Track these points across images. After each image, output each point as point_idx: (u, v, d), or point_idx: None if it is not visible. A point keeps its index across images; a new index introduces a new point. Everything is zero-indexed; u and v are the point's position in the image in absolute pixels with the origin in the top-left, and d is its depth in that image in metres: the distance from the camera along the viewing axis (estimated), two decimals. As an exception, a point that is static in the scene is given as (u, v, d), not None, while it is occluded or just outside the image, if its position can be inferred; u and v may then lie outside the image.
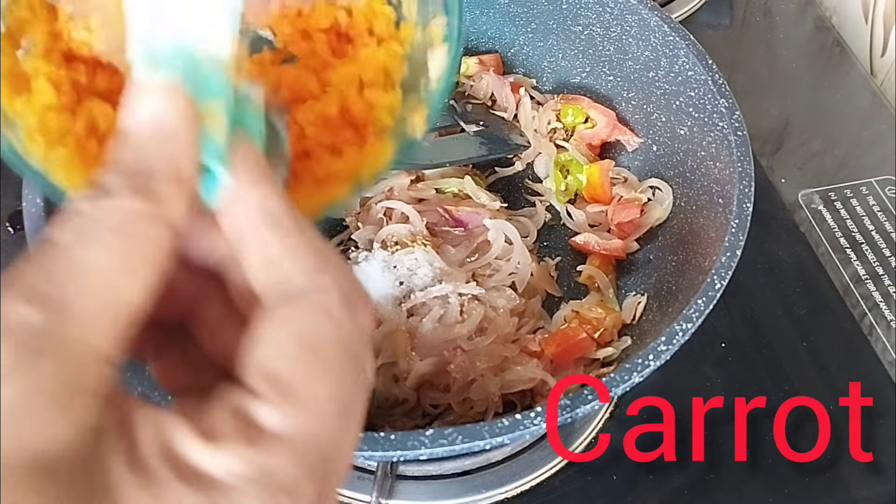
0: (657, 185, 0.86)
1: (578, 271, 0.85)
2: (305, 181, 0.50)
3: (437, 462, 0.76)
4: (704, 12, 1.20)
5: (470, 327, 0.75)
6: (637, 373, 0.59)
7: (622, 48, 0.88)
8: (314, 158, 0.52)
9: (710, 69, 0.78)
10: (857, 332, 0.87)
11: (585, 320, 0.77)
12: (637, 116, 0.90)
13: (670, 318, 0.65)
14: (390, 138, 0.54)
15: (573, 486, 0.77)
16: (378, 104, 0.53)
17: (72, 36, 0.50)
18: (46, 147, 0.46)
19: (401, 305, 0.77)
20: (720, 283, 0.64)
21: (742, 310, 0.88)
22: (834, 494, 0.76)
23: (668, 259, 0.81)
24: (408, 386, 0.72)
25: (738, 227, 0.67)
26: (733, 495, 0.76)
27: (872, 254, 0.93)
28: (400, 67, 0.54)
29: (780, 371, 0.84)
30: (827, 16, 1.22)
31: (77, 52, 0.50)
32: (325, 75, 0.54)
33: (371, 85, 0.54)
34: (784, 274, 0.92)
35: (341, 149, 0.52)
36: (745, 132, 0.74)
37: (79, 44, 0.50)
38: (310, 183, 0.50)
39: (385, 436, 0.55)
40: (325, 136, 0.53)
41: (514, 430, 0.56)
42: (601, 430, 0.80)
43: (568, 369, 0.74)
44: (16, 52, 0.48)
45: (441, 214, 0.85)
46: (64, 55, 0.50)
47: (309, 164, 0.52)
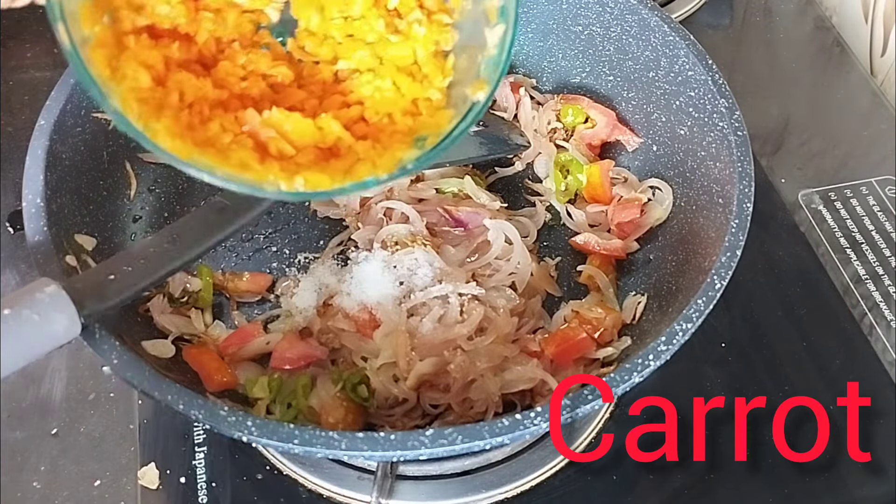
0: (657, 185, 0.86)
1: (578, 271, 0.85)
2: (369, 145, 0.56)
3: (437, 462, 0.77)
4: (704, 12, 1.20)
5: (470, 327, 0.75)
6: (637, 373, 0.59)
7: (622, 48, 0.88)
8: (377, 127, 0.58)
9: (710, 69, 0.78)
10: (857, 332, 0.87)
11: (585, 320, 0.77)
12: (637, 116, 0.90)
13: (670, 318, 0.65)
14: (447, 107, 0.58)
15: (573, 486, 0.77)
16: (431, 75, 0.58)
17: (155, 10, 0.54)
18: (146, 120, 0.51)
19: (401, 305, 0.77)
20: (720, 283, 0.64)
21: (742, 310, 0.88)
22: (833, 494, 0.76)
23: (668, 259, 0.81)
24: (408, 386, 0.73)
25: (738, 227, 0.67)
26: (733, 495, 0.76)
27: (872, 254, 0.94)
28: (448, 37, 0.59)
29: (780, 371, 0.84)
30: (827, 16, 1.22)
31: (159, 26, 0.54)
32: (381, 50, 0.59)
33: (423, 62, 0.59)
34: (784, 274, 0.92)
35: (394, 118, 0.58)
36: (745, 132, 0.74)
37: (161, 17, 0.55)
38: (375, 146, 0.56)
39: (385, 436, 0.55)
40: (384, 105, 0.58)
41: (514, 430, 0.56)
42: (602, 430, 0.80)
43: (568, 369, 0.74)
44: (101, 19, 0.52)
45: (441, 214, 0.85)
46: (148, 31, 0.54)
47: (371, 129, 0.57)
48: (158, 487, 0.75)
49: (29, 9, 0.62)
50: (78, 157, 0.76)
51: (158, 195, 0.87)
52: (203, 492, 0.75)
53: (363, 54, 0.59)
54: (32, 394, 0.81)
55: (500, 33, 0.56)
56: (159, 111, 0.51)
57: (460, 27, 0.60)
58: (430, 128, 0.58)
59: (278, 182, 0.52)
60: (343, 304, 0.79)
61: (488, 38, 0.57)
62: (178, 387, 0.58)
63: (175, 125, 0.51)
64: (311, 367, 0.76)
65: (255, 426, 0.56)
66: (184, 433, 0.78)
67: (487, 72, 0.57)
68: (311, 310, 0.80)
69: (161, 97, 0.52)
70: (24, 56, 1.11)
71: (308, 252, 0.87)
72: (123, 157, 0.83)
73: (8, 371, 0.52)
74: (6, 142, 1.01)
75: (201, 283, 0.81)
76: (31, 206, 0.68)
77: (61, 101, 0.75)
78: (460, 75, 0.59)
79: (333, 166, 0.55)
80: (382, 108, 0.58)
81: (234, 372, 0.75)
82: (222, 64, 0.57)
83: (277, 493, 0.75)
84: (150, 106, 0.51)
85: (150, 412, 0.79)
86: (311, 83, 0.60)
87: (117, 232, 0.81)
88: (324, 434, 0.55)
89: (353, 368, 0.75)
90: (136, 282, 0.60)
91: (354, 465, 0.77)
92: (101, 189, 0.80)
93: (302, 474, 0.76)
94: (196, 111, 0.53)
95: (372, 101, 0.59)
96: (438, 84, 0.59)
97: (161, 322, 0.77)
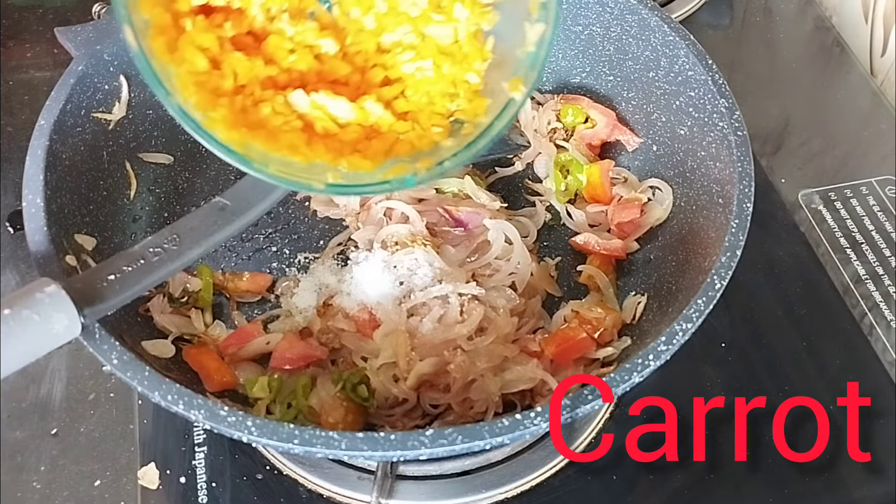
0: (657, 185, 0.86)
1: (578, 271, 0.85)
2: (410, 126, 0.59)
3: (438, 462, 0.77)
4: (704, 12, 1.20)
5: (470, 327, 0.75)
6: (637, 373, 0.59)
7: (622, 48, 0.88)
8: (417, 107, 0.60)
9: (710, 69, 0.78)
10: (857, 332, 0.87)
11: (585, 320, 0.77)
12: (637, 116, 0.90)
13: (670, 318, 0.65)
14: (484, 94, 0.60)
15: (573, 486, 0.77)
16: (470, 57, 0.60)
17: None
18: (204, 109, 0.53)
19: (401, 305, 0.77)
20: (720, 283, 0.64)
21: (742, 310, 0.88)
22: (833, 494, 0.76)
23: (668, 259, 0.81)
24: (408, 386, 0.72)
25: (737, 227, 0.67)
26: (733, 495, 0.76)
27: (872, 254, 0.94)
28: (490, 17, 0.61)
29: (780, 371, 0.84)
30: (827, 16, 1.22)
31: (213, 2, 0.56)
32: (423, 25, 0.61)
33: (464, 42, 0.61)
34: (784, 274, 0.92)
35: (433, 99, 0.60)
36: (745, 132, 0.74)
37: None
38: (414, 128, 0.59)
39: (385, 436, 0.55)
40: (424, 85, 0.61)
41: (514, 430, 0.56)
42: (602, 430, 0.80)
43: (568, 369, 0.74)
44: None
45: (441, 214, 0.85)
46: (202, 9, 0.56)
47: (410, 108, 0.60)
48: (158, 487, 0.75)
49: (29, 9, 0.62)
50: (78, 157, 0.76)
51: (158, 195, 0.87)
52: (203, 492, 0.75)
53: (406, 29, 0.60)
54: (32, 394, 0.81)
55: (539, 31, 0.58)
56: (216, 99, 0.54)
57: (501, 8, 0.61)
58: (468, 113, 0.60)
59: (325, 175, 0.55)
60: (343, 304, 0.79)
61: (528, 34, 0.58)
62: (178, 387, 0.58)
63: (230, 113, 0.54)
64: (311, 367, 0.76)
65: (255, 426, 0.56)
66: (184, 433, 0.78)
67: (524, 69, 0.58)
68: (311, 310, 0.80)
69: (217, 82, 0.55)
70: (24, 56, 1.11)
71: (308, 252, 0.87)
72: (123, 157, 0.83)
73: (8, 371, 0.52)
74: (6, 142, 1.01)
75: (201, 283, 0.81)
76: (30, 206, 0.68)
77: (61, 101, 0.75)
78: (498, 60, 0.61)
79: (374, 147, 0.57)
80: (422, 87, 0.60)
81: (234, 372, 0.75)
82: (271, 38, 0.59)
83: (277, 493, 0.76)
84: (206, 92, 0.54)
85: (150, 412, 0.79)
86: (355, 54, 0.61)
87: (117, 232, 0.81)
88: (323, 434, 0.55)
89: (353, 368, 0.75)
90: (136, 282, 0.60)
91: (355, 465, 0.77)
92: (101, 189, 0.80)
93: (302, 474, 0.76)
94: (248, 93, 0.56)
95: (412, 81, 0.61)
96: (477, 67, 0.61)
97: (161, 322, 0.77)
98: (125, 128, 0.83)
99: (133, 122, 0.84)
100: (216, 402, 0.57)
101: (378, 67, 0.61)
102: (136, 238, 0.82)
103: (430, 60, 0.60)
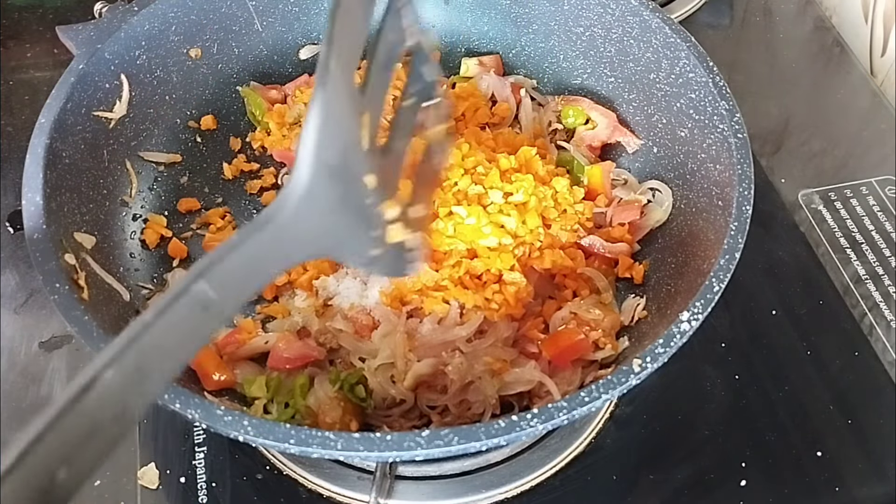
0: (657, 187, 0.86)
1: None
2: None
3: (437, 462, 0.77)
4: (704, 12, 1.20)
5: (469, 330, 0.75)
6: (635, 375, 0.59)
7: (623, 50, 0.88)
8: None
9: (711, 71, 0.78)
10: (857, 332, 0.87)
11: (583, 322, 0.77)
12: (638, 118, 0.90)
13: (669, 320, 0.65)
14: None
15: (573, 486, 0.77)
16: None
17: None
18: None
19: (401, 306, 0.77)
20: (719, 285, 0.64)
21: (742, 310, 0.88)
22: (833, 494, 0.76)
23: (668, 261, 0.80)
24: (405, 386, 0.73)
25: (737, 230, 0.67)
26: (734, 495, 0.76)
27: (872, 254, 0.93)
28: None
29: (780, 371, 0.84)
30: (827, 16, 1.22)
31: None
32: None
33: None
34: (784, 274, 0.92)
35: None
36: (746, 135, 0.73)
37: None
38: None
39: (381, 436, 0.55)
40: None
41: (511, 431, 0.56)
42: (602, 430, 0.80)
43: (566, 371, 0.74)
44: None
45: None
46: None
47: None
48: (158, 487, 0.75)
49: (29, 9, 0.62)
50: (78, 156, 0.76)
51: (158, 194, 0.87)
52: (203, 492, 0.75)
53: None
54: (32, 394, 0.81)
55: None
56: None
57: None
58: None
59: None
60: (342, 304, 0.79)
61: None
62: (175, 386, 0.58)
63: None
64: (309, 366, 0.76)
65: (252, 426, 0.56)
66: (184, 433, 0.78)
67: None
68: (309, 310, 0.80)
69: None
70: (24, 56, 1.11)
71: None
72: (123, 156, 0.84)
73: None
74: (6, 141, 1.01)
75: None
76: (30, 204, 0.68)
77: (62, 100, 0.75)
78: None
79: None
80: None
81: (232, 371, 0.75)
82: None
83: (277, 493, 0.76)
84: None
85: (150, 412, 0.79)
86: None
87: (117, 230, 0.81)
88: (320, 434, 0.55)
89: (350, 369, 0.75)
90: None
91: (354, 466, 0.77)
92: (101, 187, 0.80)
93: (302, 474, 0.76)
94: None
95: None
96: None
97: (160, 322, 0.76)
98: (126, 126, 0.83)
99: (133, 121, 0.84)
100: (213, 401, 0.57)
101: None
102: (135, 237, 0.82)
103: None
